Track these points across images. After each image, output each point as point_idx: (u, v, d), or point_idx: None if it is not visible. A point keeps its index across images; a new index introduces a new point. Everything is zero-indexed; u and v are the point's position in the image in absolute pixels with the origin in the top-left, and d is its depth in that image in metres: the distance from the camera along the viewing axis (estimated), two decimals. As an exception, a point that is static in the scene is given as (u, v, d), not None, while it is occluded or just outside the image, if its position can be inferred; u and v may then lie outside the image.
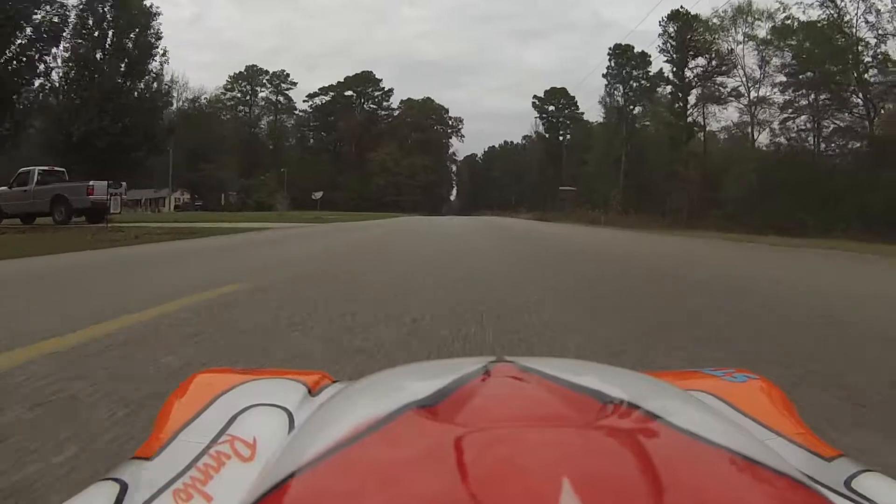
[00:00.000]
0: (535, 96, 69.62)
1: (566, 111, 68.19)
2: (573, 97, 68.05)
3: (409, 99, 74.96)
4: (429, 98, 75.20)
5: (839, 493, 0.35)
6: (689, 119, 31.61)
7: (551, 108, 69.02)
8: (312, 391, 0.49)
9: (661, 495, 0.24)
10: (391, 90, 75.04)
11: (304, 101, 76.82)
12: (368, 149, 69.44)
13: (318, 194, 34.96)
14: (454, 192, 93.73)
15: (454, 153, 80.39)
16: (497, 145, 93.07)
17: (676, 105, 33.26)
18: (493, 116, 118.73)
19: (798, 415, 0.48)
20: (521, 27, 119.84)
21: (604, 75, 42.58)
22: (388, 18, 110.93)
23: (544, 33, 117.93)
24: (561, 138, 67.88)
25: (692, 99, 32.70)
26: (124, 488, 0.36)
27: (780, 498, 0.27)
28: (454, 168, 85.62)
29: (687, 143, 31.35)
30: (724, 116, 32.60)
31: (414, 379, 0.42)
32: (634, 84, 40.99)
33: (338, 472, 0.28)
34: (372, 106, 75.83)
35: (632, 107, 40.35)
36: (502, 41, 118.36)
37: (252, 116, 74.40)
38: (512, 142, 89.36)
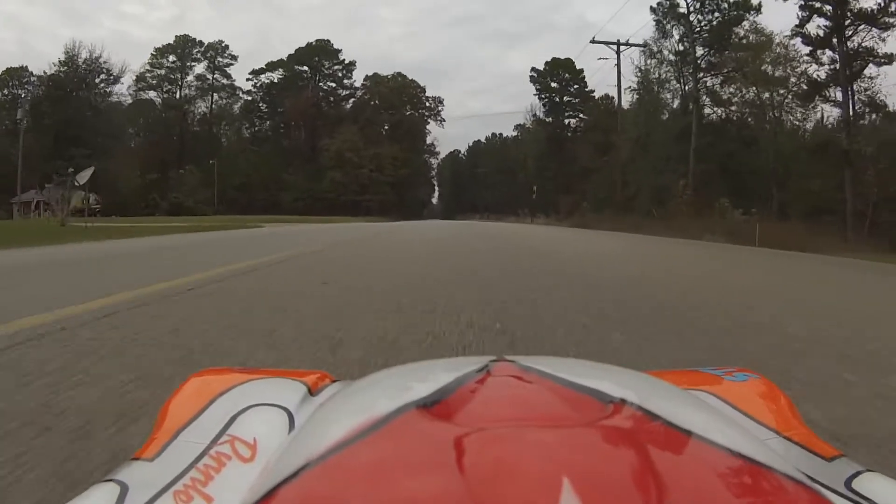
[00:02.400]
0: (533, 69, 55.47)
1: (572, 87, 54.16)
2: (580, 71, 54.14)
3: (375, 75, 60.10)
4: (400, 74, 60.46)
5: (839, 493, 0.34)
6: (849, 47, 17.46)
7: (554, 84, 54.94)
8: (312, 391, 0.48)
9: (661, 495, 0.24)
10: (353, 63, 60.18)
11: (247, 79, 61.81)
12: (324, 136, 54.60)
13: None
14: (436, 193, 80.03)
15: (433, 144, 65.70)
16: (484, 138, 79.22)
17: (808, 31, 19.16)
18: (475, 120, 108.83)
19: (799, 414, 0.47)
20: (505, 29, 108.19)
21: (652, 8, 28.45)
22: (364, 20, 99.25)
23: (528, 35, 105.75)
24: (567, 122, 53.89)
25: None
26: (125, 490, 0.36)
27: (781, 498, 0.27)
28: (435, 164, 71.15)
29: (852, 83, 17.12)
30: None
31: (414, 378, 0.41)
32: (702, 20, 26.84)
33: (338, 472, 0.28)
34: (331, 84, 60.95)
35: (705, 50, 26.20)
36: (482, 43, 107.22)
37: (181, 97, 59.16)
38: (501, 134, 75.42)
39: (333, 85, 60.60)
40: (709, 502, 0.25)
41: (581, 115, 52.33)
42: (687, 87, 27.20)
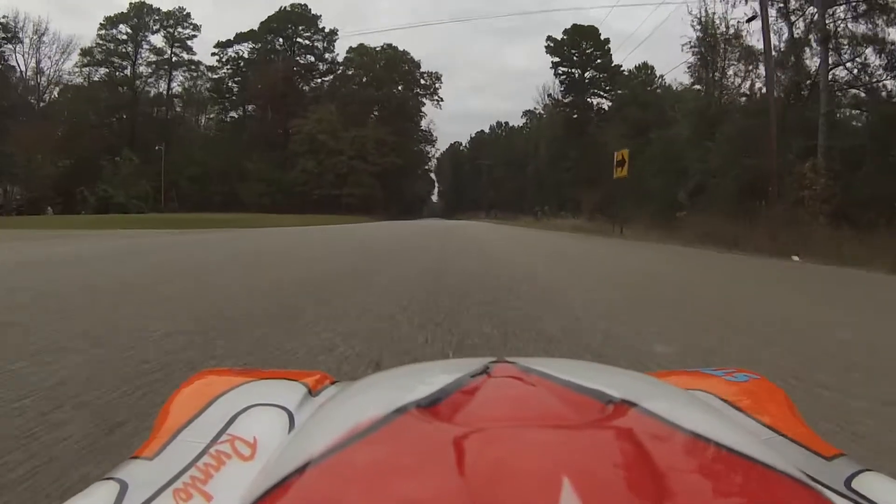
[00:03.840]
0: (548, 38, 46.44)
1: (598, 61, 45.14)
2: (606, 41, 45.12)
3: (360, 45, 50.89)
4: (390, 45, 51.29)
5: (839, 492, 0.34)
6: None
7: (575, 57, 45.91)
8: (313, 391, 0.48)
9: (661, 496, 0.24)
10: (335, 33, 51.05)
11: (212, 53, 52.82)
12: (299, 117, 45.59)
13: None
14: (435, 188, 71.57)
15: (430, 129, 56.56)
16: (487, 128, 70.38)
17: None
18: (477, 116, 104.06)
19: (799, 414, 0.47)
20: (503, 25, 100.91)
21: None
22: (363, 17, 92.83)
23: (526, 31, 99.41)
24: (591, 101, 44.93)
25: None
26: (124, 488, 0.36)
27: (781, 498, 0.27)
28: (432, 154, 62.10)
29: None
30: None
31: (414, 379, 0.41)
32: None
33: (338, 471, 0.28)
34: (309, 58, 51.84)
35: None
36: (479, 40, 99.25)
37: (133, 74, 50.19)
38: (506, 123, 66.57)
39: (312, 59, 51.55)
40: (709, 502, 0.25)
41: (608, 94, 43.46)
42: (796, 31, 17.88)
